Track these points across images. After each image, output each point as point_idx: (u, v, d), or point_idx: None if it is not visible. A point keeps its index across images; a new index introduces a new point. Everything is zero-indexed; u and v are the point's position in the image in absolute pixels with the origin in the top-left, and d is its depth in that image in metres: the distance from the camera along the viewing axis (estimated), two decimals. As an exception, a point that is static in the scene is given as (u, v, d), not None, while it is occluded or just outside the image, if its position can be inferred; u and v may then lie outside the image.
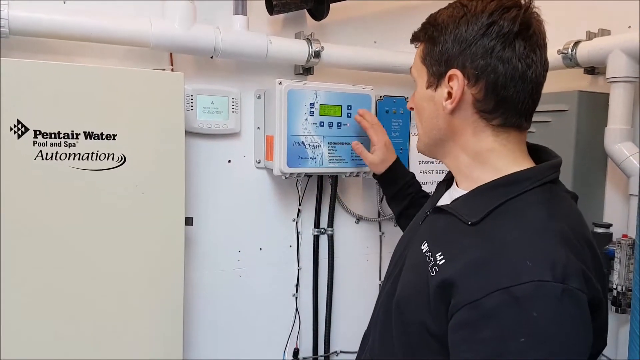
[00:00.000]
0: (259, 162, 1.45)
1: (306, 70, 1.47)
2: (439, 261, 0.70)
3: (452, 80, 0.74)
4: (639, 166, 1.24)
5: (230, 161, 1.44)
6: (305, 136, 1.34)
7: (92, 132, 1.08)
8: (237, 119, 1.41)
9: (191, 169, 1.37)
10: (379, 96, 1.52)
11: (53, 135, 1.04)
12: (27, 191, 1.04)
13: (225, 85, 1.40)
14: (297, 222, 1.55)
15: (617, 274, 1.25)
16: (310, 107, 1.34)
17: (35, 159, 1.03)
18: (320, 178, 1.55)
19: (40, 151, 1.03)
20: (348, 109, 1.38)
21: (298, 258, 1.56)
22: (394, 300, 0.79)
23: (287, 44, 1.37)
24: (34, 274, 1.06)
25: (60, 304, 1.09)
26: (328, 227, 1.58)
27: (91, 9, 1.20)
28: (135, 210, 1.14)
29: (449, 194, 0.85)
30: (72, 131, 1.06)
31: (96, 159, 1.09)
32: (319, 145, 1.36)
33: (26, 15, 1.07)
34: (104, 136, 1.09)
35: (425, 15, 0.82)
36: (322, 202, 1.57)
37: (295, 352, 1.56)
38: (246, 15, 1.32)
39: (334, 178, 1.56)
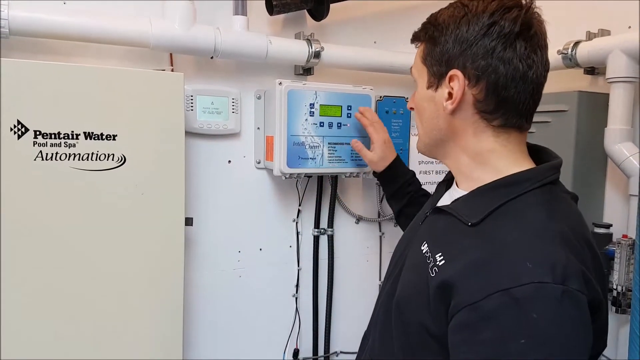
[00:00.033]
0: (259, 163, 1.45)
1: (306, 71, 1.47)
2: (438, 262, 0.70)
3: (452, 81, 0.74)
4: (639, 166, 1.24)
5: (230, 161, 1.44)
6: (305, 136, 1.34)
7: (92, 133, 1.08)
8: (237, 120, 1.41)
9: (191, 169, 1.37)
10: (378, 96, 1.52)
11: (53, 136, 1.04)
12: (27, 191, 1.04)
13: (225, 85, 1.40)
14: (297, 223, 1.55)
15: (617, 274, 1.25)
16: (310, 108, 1.34)
17: (35, 160, 1.03)
18: (320, 178, 1.55)
19: (40, 151, 1.03)
20: (348, 109, 1.38)
21: (298, 258, 1.56)
22: (394, 301, 0.79)
23: (287, 44, 1.37)
24: (34, 274, 1.06)
25: (61, 304, 1.09)
26: (328, 227, 1.58)
27: (91, 9, 1.20)
28: (135, 210, 1.14)
29: (449, 195, 0.85)
30: (72, 131, 1.06)
31: (96, 159, 1.09)
32: (319, 146, 1.36)
33: (26, 16, 1.07)
34: (104, 136, 1.09)
35: (426, 16, 0.82)
36: (322, 202, 1.57)
37: (295, 353, 1.56)
38: (246, 15, 1.32)
39: (334, 178, 1.56)
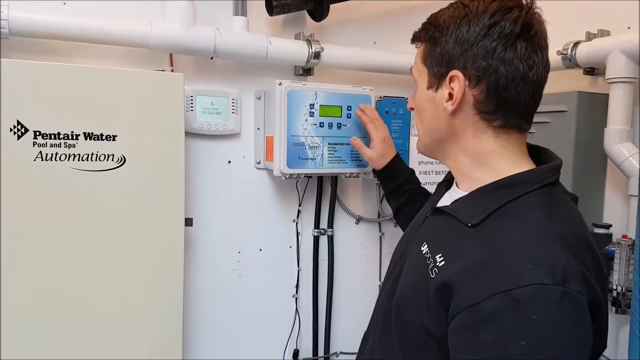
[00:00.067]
0: (258, 163, 1.45)
1: (306, 71, 1.47)
2: (438, 263, 0.70)
3: (453, 82, 0.74)
4: (638, 167, 1.24)
5: (230, 162, 1.44)
6: (305, 137, 1.34)
7: (92, 133, 1.08)
8: (237, 120, 1.41)
9: (191, 169, 1.37)
10: (378, 97, 1.52)
11: (53, 136, 1.04)
12: (27, 192, 1.03)
13: (225, 86, 1.40)
14: (297, 223, 1.55)
15: (617, 275, 1.25)
16: (310, 108, 1.34)
17: (35, 160, 1.03)
18: (320, 179, 1.55)
19: (40, 152, 1.03)
20: (348, 110, 1.38)
21: (298, 259, 1.56)
22: (393, 301, 0.79)
23: (287, 44, 1.37)
24: (34, 274, 1.06)
25: (61, 305, 1.09)
26: (328, 227, 1.58)
27: (91, 9, 1.20)
28: (135, 210, 1.14)
29: (449, 195, 0.85)
30: (72, 132, 1.06)
31: (96, 160, 1.09)
32: (318, 146, 1.36)
33: (26, 16, 1.07)
34: (104, 137, 1.09)
35: (425, 16, 0.81)
36: (322, 202, 1.57)
37: (295, 353, 1.56)
38: (246, 16, 1.32)
39: (334, 179, 1.56)
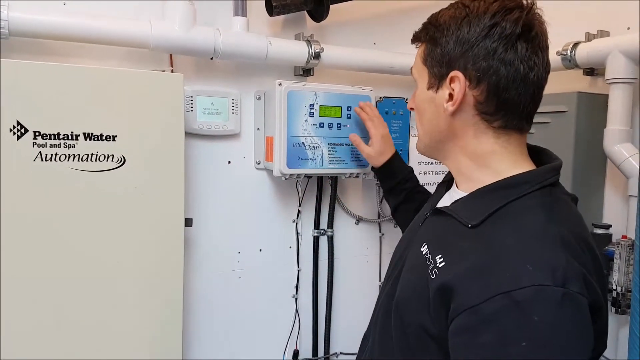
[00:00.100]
0: (258, 163, 1.45)
1: (306, 72, 1.47)
2: (438, 264, 0.70)
3: (453, 82, 0.74)
4: (638, 167, 1.24)
5: (230, 162, 1.44)
6: (305, 137, 1.34)
7: (92, 133, 1.08)
8: (236, 120, 1.41)
9: (191, 170, 1.37)
10: (378, 97, 1.52)
11: (52, 137, 1.04)
12: (26, 192, 1.03)
13: (225, 86, 1.40)
14: (296, 223, 1.55)
15: (617, 275, 1.26)
16: (310, 108, 1.34)
17: (34, 160, 1.03)
18: (320, 179, 1.55)
19: (40, 152, 1.03)
20: (348, 110, 1.38)
21: (298, 259, 1.56)
22: (393, 302, 0.79)
23: (287, 45, 1.37)
24: (34, 274, 1.05)
25: (60, 305, 1.08)
26: (328, 228, 1.58)
27: (91, 10, 1.20)
28: (134, 211, 1.13)
29: (449, 196, 0.85)
30: (72, 132, 1.06)
31: (96, 160, 1.09)
32: (318, 146, 1.36)
33: (26, 17, 1.07)
34: (104, 137, 1.09)
35: (425, 17, 0.81)
36: (322, 203, 1.57)
37: (295, 354, 1.56)
38: (246, 16, 1.32)
39: (334, 179, 1.56)
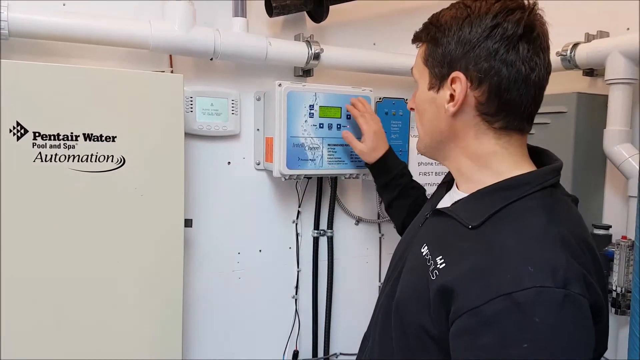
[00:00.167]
0: (258, 164, 1.45)
1: (305, 72, 1.47)
2: (439, 265, 0.70)
3: (454, 83, 0.74)
4: (638, 168, 1.24)
5: (229, 163, 1.44)
6: (304, 138, 1.34)
7: (92, 134, 1.07)
8: (236, 121, 1.41)
9: (191, 170, 1.37)
10: (378, 98, 1.52)
11: (52, 137, 1.04)
12: (26, 193, 1.03)
13: (224, 87, 1.40)
14: (296, 224, 1.55)
15: (617, 276, 1.26)
16: (310, 109, 1.34)
17: (34, 161, 1.03)
18: (320, 179, 1.55)
19: (40, 153, 1.03)
20: (348, 111, 1.38)
21: (298, 260, 1.56)
22: (393, 303, 0.79)
23: (287, 46, 1.37)
24: (34, 275, 1.05)
25: (60, 305, 1.08)
26: (328, 228, 1.58)
27: (91, 10, 1.19)
28: (134, 211, 1.13)
29: (449, 196, 0.85)
30: (72, 133, 1.06)
31: (95, 161, 1.08)
32: (318, 147, 1.36)
33: (26, 17, 1.06)
34: (104, 138, 1.09)
35: (425, 17, 0.81)
36: (322, 203, 1.57)
37: (295, 354, 1.56)
38: (246, 17, 1.32)
39: (334, 179, 1.56)
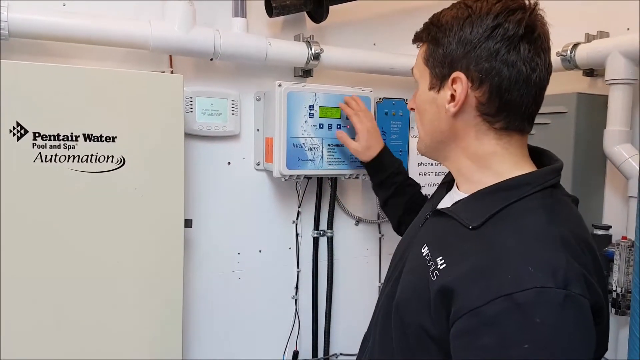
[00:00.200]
0: (258, 164, 1.45)
1: (305, 73, 1.47)
2: (439, 265, 0.70)
3: (455, 83, 0.74)
4: (638, 168, 1.24)
5: (229, 163, 1.44)
6: (304, 138, 1.34)
7: (92, 134, 1.07)
8: (236, 121, 1.41)
9: (190, 170, 1.37)
10: (378, 98, 1.52)
11: (52, 137, 1.04)
12: (26, 193, 1.03)
13: (224, 87, 1.40)
14: (296, 224, 1.55)
15: (617, 276, 1.26)
16: (310, 109, 1.34)
17: (34, 161, 1.03)
18: (320, 180, 1.55)
19: (40, 153, 1.03)
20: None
21: (297, 260, 1.56)
22: (393, 303, 0.79)
23: (287, 46, 1.37)
24: (34, 275, 1.05)
25: (60, 305, 1.08)
26: (327, 229, 1.58)
27: (91, 11, 1.19)
28: (134, 212, 1.13)
29: (449, 197, 0.85)
30: (72, 133, 1.05)
31: (95, 161, 1.08)
32: (318, 147, 1.36)
33: (26, 18, 1.06)
34: (104, 138, 1.09)
35: (425, 18, 0.81)
36: (322, 204, 1.57)
37: (295, 355, 1.56)
38: (245, 17, 1.31)
39: (334, 180, 1.56)
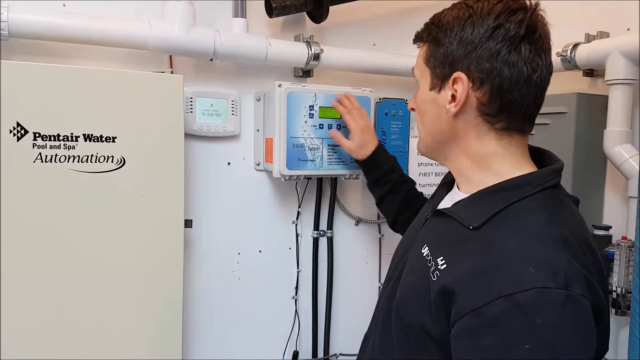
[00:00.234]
0: (258, 164, 1.45)
1: (305, 73, 1.47)
2: (440, 266, 0.70)
3: (456, 83, 0.74)
4: (638, 168, 1.24)
5: (229, 163, 1.44)
6: (304, 138, 1.34)
7: (92, 135, 1.07)
8: (236, 121, 1.41)
9: (190, 171, 1.36)
10: (378, 98, 1.52)
11: (52, 138, 1.04)
12: (26, 193, 1.03)
13: (224, 87, 1.40)
14: (296, 224, 1.55)
15: (617, 276, 1.25)
16: (310, 110, 1.34)
17: (34, 161, 1.03)
18: (320, 180, 1.55)
19: (40, 153, 1.03)
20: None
21: (297, 260, 1.56)
22: (394, 303, 0.79)
23: (287, 46, 1.37)
24: (34, 275, 1.05)
25: (60, 305, 1.08)
26: (327, 229, 1.58)
27: (91, 11, 1.19)
28: (134, 212, 1.13)
29: (450, 197, 0.85)
30: (72, 133, 1.05)
31: (95, 162, 1.08)
32: (318, 148, 1.36)
33: (26, 18, 1.06)
34: (104, 138, 1.09)
35: (426, 18, 0.81)
36: (322, 204, 1.57)
37: (295, 355, 1.56)
38: (245, 17, 1.31)
39: (334, 180, 1.56)
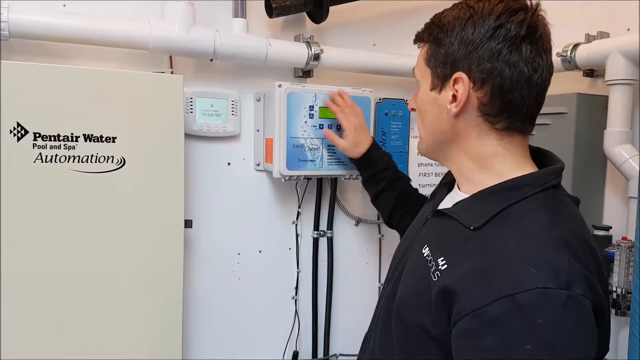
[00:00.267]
0: (258, 165, 1.45)
1: (305, 73, 1.47)
2: (440, 266, 0.70)
3: (457, 83, 0.74)
4: (638, 168, 1.24)
5: (229, 163, 1.44)
6: (304, 139, 1.34)
7: (92, 135, 1.07)
8: (236, 122, 1.41)
9: (190, 171, 1.36)
10: (378, 99, 1.52)
11: (53, 138, 1.04)
12: (26, 194, 1.03)
13: (224, 87, 1.40)
14: (296, 225, 1.55)
15: (617, 277, 1.25)
16: (310, 110, 1.34)
17: (34, 162, 1.03)
18: (320, 180, 1.55)
19: (40, 154, 1.03)
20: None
21: (297, 261, 1.55)
22: (394, 304, 0.79)
23: (287, 46, 1.37)
24: (34, 275, 1.05)
25: (60, 305, 1.08)
26: (327, 229, 1.58)
27: (91, 11, 1.19)
28: (134, 212, 1.13)
29: (450, 197, 0.85)
30: (72, 134, 1.05)
31: (96, 162, 1.08)
32: (318, 148, 1.36)
33: (26, 18, 1.06)
34: (104, 139, 1.09)
35: (426, 18, 0.81)
36: (322, 204, 1.57)
37: (295, 355, 1.56)
38: (245, 18, 1.31)
39: (334, 180, 1.56)
